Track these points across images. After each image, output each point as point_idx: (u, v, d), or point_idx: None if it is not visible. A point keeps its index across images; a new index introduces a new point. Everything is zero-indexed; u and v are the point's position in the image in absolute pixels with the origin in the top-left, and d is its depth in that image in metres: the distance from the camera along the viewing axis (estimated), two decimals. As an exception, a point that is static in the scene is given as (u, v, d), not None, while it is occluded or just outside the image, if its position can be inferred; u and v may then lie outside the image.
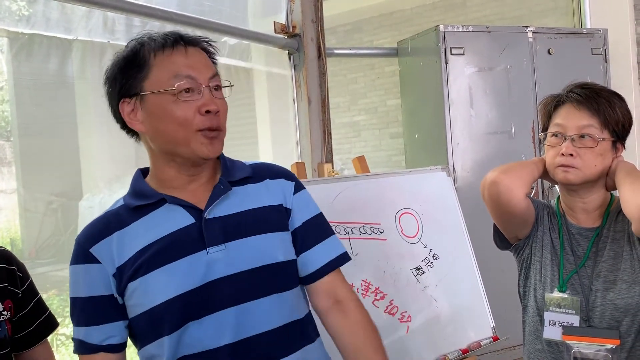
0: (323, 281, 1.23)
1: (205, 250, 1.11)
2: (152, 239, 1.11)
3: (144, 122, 1.12)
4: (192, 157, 1.13)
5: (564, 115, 1.41)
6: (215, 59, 1.19)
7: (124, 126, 1.17)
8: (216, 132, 1.12)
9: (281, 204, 1.21)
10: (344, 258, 1.26)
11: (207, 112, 1.10)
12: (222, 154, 1.23)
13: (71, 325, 2.21)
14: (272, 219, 1.19)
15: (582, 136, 1.37)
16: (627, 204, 1.30)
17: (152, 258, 1.09)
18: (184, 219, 1.13)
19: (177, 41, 1.11)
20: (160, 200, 1.14)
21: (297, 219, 1.23)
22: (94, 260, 1.11)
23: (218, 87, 1.14)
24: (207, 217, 1.13)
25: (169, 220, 1.12)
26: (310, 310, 1.25)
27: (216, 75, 1.14)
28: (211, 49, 1.18)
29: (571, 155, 1.37)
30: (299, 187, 1.26)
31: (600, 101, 1.38)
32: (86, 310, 1.13)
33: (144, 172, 1.22)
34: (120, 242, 1.12)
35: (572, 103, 1.40)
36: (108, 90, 1.16)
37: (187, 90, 1.09)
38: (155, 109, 1.10)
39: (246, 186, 1.20)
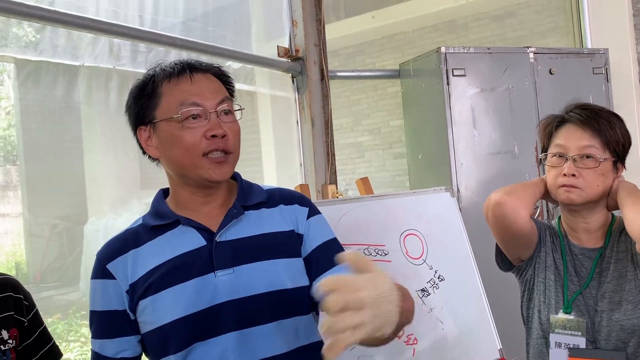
0: None
1: (213, 273, 1.13)
2: (164, 258, 1.14)
3: (158, 148, 1.18)
4: (201, 181, 1.16)
5: (565, 135, 1.42)
6: (230, 83, 1.23)
7: (144, 151, 1.21)
8: (224, 155, 1.15)
9: (293, 230, 1.22)
10: None
11: (213, 136, 1.13)
12: (240, 177, 1.27)
13: (75, 350, 2.21)
14: (282, 244, 1.19)
15: (583, 156, 1.38)
16: (631, 224, 1.29)
17: (163, 278, 1.12)
18: (196, 241, 1.15)
19: (183, 69, 1.16)
20: (175, 222, 1.17)
21: (310, 245, 1.23)
22: (110, 276, 1.15)
23: (228, 111, 1.17)
24: (218, 240, 1.15)
25: (181, 242, 1.15)
26: (320, 339, 1.23)
27: (226, 99, 1.17)
28: (223, 73, 1.22)
29: (573, 175, 1.37)
30: (313, 212, 1.27)
31: (601, 121, 1.39)
32: (102, 324, 1.17)
33: (165, 192, 1.25)
34: (134, 260, 1.15)
35: (572, 123, 1.41)
36: (128, 118, 1.21)
37: (194, 116, 1.13)
38: (165, 136, 1.15)
39: (260, 210, 1.22)
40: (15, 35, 2.12)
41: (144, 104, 1.16)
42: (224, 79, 1.22)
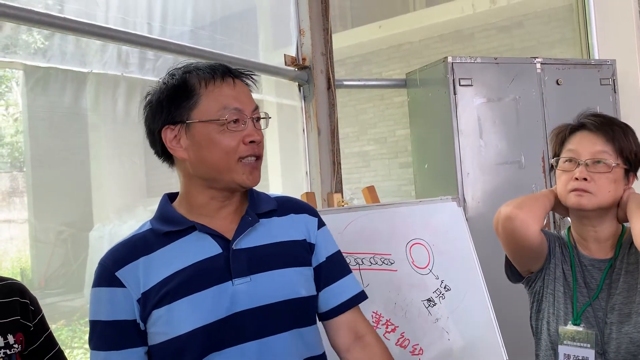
0: (344, 316, 1.24)
1: (231, 282, 1.11)
2: (179, 266, 1.11)
3: (188, 149, 1.15)
4: (232, 185, 1.15)
5: (577, 141, 1.41)
6: (251, 91, 1.23)
7: (162, 152, 1.19)
8: (256, 160, 1.16)
9: (305, 239, 1.23)
10: (363, 296, 1.28)
11: (251, 142, 1.14)
12: None
13: (79, 356, 2.19)
14: (296, 253, 1.20)
15: (596, 162, 1.37)
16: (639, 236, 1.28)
17: (179, 286, 1.09)
18: (212, 249, 1.13)
19: (225, 73, 1.16)
20: (190, 228, 1.15)
21: (321, 254, 1.25)
22: (119, 284, 1.10)
23: (258, 119, 1.18)
24: (234, 248, 1.14)
25: (197, 249, 1.13)
26: (324, 351, 1.24)
27: (257, 107, 1.19)
28: (251, 83, 1.22)
29: (585, 179, 1.36)
30: (321, 223, 1.29)
31: (615, 129, 1.39)
32: (107, 334, 1.11)
33: (170, 197, 1.23)
34: (146, 268, 1.11)
35: (586, 130, 1.41)
36: (150, 115, 1.17)
37: (235, 121, 1.13)
38: (201, 138, 1.13)
39: (271, 219, 1.22)
40: (24, 42, 2.14)
41: (179, 103, 1.13)
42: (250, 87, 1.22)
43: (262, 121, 1.20)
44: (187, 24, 2.69)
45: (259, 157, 1.17)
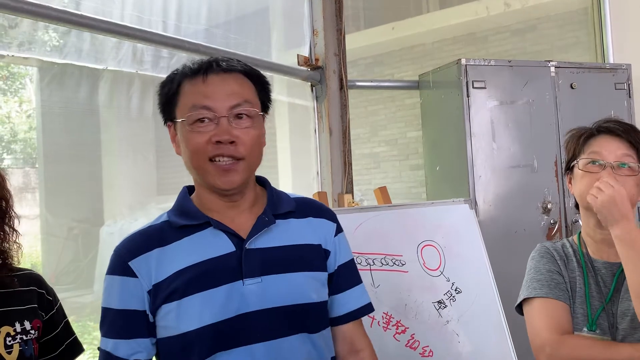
0: (346, 327, 1.24)
1: (241, 281, 1.10)
2: (191, 261, 1.10)
3: (179, 147, 1.16)
4: (211, 187, 1.13)
5: (601, 144, 1.41)
6: (263, 83, 1.18)
7: None
8: (233, 162, 1.10)
9: (320, 245, 1.21)
10: (369, 308, 1.27)
11: (219, 142, 1.09)
12: (269, 183, 1.24)
13: (88, 351, 2.21)
14: (310, 257, 1.18)
15: (620, 165, 1.37)
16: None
17: (190, 282, 1.08)
18: (226, 246, 1.12)
19: (199, 70, 1.12)
20: (205, 223, 1.13)
21: (336, 261, 1.23)
22: (131, 273, 1.09)
23: (243, 116, 1.11)
24: (248, 248, 1.12)
25: (210, 245, 1.12)
26: (334, 356, 1.23)
27: (244, 103, 1.11)
28: (250, 72, 1.15)
29: None
30: (339, 229, 1.26)
31: (638, 135, 1.39)
32: (117, 323, 1.10)
33: (190, 189, 1.22)
34: (159, 259, 1.10)
35: (609, 134, 1.41)
36: (160, 110, 1.20)
37: (202, 120, 1.09)
38: (180, 136, 1.14)
39: (289, 220, 1.19)
40: (40, 39, 2.16)
41: (168, 102, 1.15)
42: (256, 79, 1.16)
43: (246, 119, 1.11)
44: (201, 22, 2.70)
45: (240, 158, 1.10)
